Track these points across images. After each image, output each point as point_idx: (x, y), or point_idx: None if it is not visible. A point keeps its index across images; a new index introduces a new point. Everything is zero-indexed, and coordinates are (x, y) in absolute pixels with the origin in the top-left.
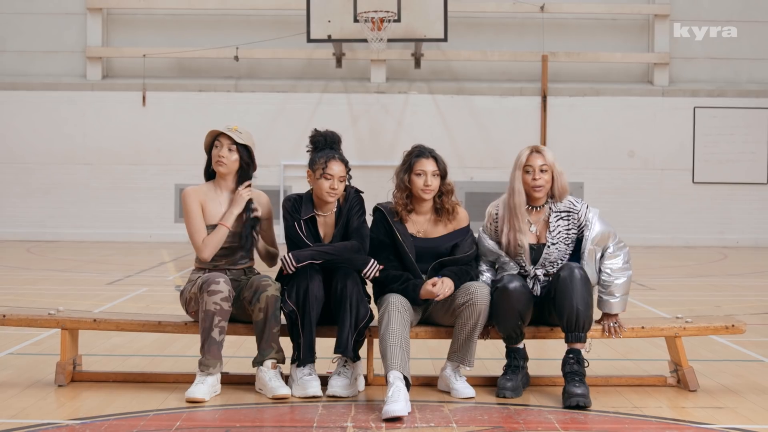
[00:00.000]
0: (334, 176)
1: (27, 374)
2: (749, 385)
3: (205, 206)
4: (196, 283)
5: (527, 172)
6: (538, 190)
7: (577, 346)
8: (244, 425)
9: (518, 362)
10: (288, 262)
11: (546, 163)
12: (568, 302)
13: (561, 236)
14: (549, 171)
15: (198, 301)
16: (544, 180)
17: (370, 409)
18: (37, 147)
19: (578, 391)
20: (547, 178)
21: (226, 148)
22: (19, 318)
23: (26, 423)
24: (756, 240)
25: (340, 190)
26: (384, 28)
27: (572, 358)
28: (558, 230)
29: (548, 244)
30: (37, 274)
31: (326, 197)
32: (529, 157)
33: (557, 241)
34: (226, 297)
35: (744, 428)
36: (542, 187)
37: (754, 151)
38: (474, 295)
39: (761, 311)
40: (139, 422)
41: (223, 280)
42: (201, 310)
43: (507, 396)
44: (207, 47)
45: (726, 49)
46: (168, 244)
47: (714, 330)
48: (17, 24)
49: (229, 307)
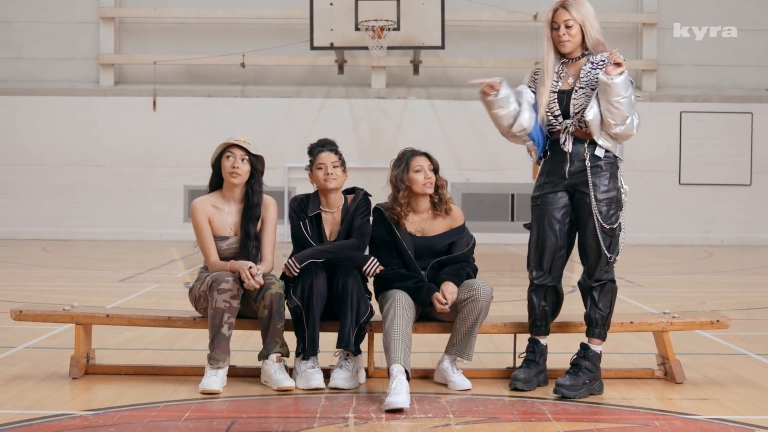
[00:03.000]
0: (325, 164)
1: (42, 367)
2: (733, 377)
3: (212, 219)
4: (205, 282)
5: (555, 28)
6: (563, 46)
7: None
8: (250, 416)
9: (534, 356)
10: (291, 267)
11: (571, 18)
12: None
13: (590, 81)
14: (576, 25)
15: (207, 298)
16: (569, 35)
17: (371, 400)
18: (53, 150)
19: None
20: (573, 32)
21: (239, 158)
22: (35, 313)
23: (42, 414)
24: (740, 239)
25: (337, 174)
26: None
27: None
28: (588, 77)
29: (575, 89)
30: (53, 271)
31: (326, 185)
32: (555, 14)
33: (584, 85)
34: (234, 295)
35: (728, 419)
36: (568, 42)
37: (737, 153)
38: (477, 292)
39: (745, 307)
40: (150, 413)
41: (232, 279)
42: (210, 307)
43: (517, 387)
44: (215, 54)
45: (711, 56)
46: (177, 242)
47: (699, 325)
48: (34, 33)
49: (237, 304)
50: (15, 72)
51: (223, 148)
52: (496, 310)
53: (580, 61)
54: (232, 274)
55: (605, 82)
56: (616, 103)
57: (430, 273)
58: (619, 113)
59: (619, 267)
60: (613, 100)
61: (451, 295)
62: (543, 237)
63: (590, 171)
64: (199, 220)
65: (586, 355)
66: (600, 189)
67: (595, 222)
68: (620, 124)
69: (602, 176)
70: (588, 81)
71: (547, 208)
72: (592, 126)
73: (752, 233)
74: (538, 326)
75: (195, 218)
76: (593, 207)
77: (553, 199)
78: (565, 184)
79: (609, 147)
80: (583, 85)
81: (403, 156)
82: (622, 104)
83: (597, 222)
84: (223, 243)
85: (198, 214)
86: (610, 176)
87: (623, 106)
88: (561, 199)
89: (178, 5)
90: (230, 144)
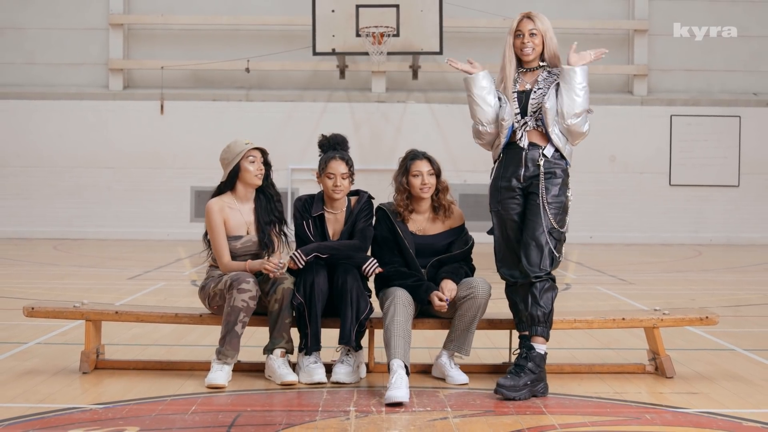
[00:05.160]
0: (335, 174)
1: (54, 362)
2: (722, 372)
3: (227, 219)
4: (222, 281)
5: (518, 36)
6: (526, 54)
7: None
8: (255, 409)
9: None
10: (297, 258)
11: (536, 27)
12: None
13: (547, 84)
14: (539, 35)
15: (223, 296)
16: (533, 43)
17: (371, 394)
18: (64, 152)
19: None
20: (537, 42)
21: (260, 161)
22: (46, 310)
23: (53, 407)
24: (728, 238)
25: (344, 186)
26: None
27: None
28: (546, 81)
29: (534, 89)
30: (64, 269)
31: (332, 194)
32: (519, 23)
33: (542, 86)
34: (253, 296)
35: (717, 412)
36: (531, 50)
37: (725, 156)
38: (475, 290)
39: (733, 304)
40: (158, 407)
41: (252, 281)
42: (228, 305)
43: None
44: (220, 60)
45: (700, 61)
46: (184, 241)
47: (689, 321)
48: (46, 39)
49: (254, 305)
50: (27, 77)
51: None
52: (492, 307)
53: (536, 71)
54: (252, 275)
55: (570, 69)
56: (578, 89)
57: (429, 271)
58: (579, 102)
59: (611, 265)
60: (576, 85)
61: (450, 292)
62: (508, 239)
63: (543, 176)
64: (215, 221)
65: (529, 356)
66: (551, 193)
67: (543, 223)
68: (577, 115)
69: (554, 182)
70: (545, 84)
71: (508, 213)
72: (548, 116)
73: (740, 233)
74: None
75: (211, 219)
76: (544, 209)
77: (511, 203)
78: (520, 187)
79: (560, 146)
80: (541, 86)
81: (405, 158)
82: (584, 91)
83: (547, 223)
84: (237, 242)
85: (214, 214)
86: (561, 183)
87: (583, 94)
88: (517, 203)
89: (184, 12)
90: (254, 148)
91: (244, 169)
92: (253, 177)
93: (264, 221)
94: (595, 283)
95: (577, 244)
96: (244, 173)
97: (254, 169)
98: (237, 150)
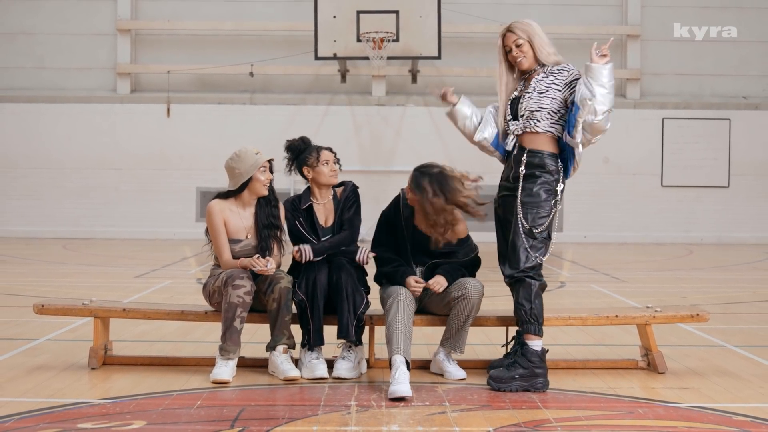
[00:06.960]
0: (329, 160)
1: (63, 358)
2: (712, 367)
3: (227, 222)
4: (219, 278)
5: (508, 51)
6: (521, 65)
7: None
8: (259, 404)
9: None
10: (305, 253)
11: (518, 37)
12: None
13: (538, 86)
14: (525, 43)
15: (221, 293)
16: (522, 52)
17: (372, 389)
18: (73, 154)
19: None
20: (525, 50)
21: (268, 170)
22: (56, 308)
23: (62, 402)
24: (718, 238)
25: (337, 171)
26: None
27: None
28: (539, 84)
29: (524, 95)
30: (73, 268)
31: (329, 180)
32: (504, 39)
33: (532, 91)
34: (248, 291)
35: (707, 406)
36: (523, 59)
37: (716, 157)
38: (468, 290)
39: (723, 301)
40: (165, 401)
41: (246, 276)
42: (225, 301)
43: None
44: (225, 64)
45: (692, 66)
46: (189, 241)
47: (680, 318)
48: (55, 44)
49: (250, 300)
50: (37, 81)
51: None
52: (489, 304)
53: (534, 73)
54: (246, 271)
55: (599, 66)
56: (608, 86)
57: (425, 274)
58: (609, 99)
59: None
60: (606, 83)
61: (436, 284)
62: (503, 238)
63: (522, 177)
64: (216, 221)
65: (523, 351)
66: (526, 193)
67: (519, 223)
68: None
69: (534, 182)
70: (536, 87)
71: (504, 212)
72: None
73: (730, 232)
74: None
75: (211, 219)
76: (518, 209)
77: (506, 203)
78: (511, 188)
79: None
80: (531, 90)
81: (450, 204)
82: (612, 88)
83: (522, 223)
84: (236, 245)
85: (215, 215)
86: (543, 183)
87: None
88: (510, 203)
89: (190, 18)
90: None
91: (255, 179)
92: (263, 187)
93: (263, 225)
94: (589, 281)
95: (571, 243)
96: (255, 183)
97: (265, 179)
98: (250, 161)
